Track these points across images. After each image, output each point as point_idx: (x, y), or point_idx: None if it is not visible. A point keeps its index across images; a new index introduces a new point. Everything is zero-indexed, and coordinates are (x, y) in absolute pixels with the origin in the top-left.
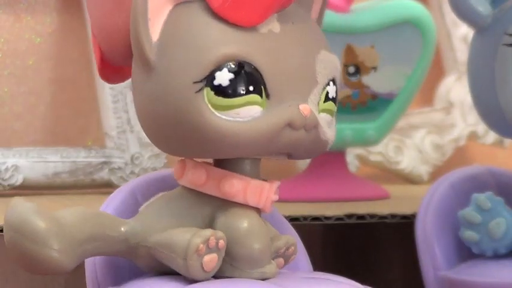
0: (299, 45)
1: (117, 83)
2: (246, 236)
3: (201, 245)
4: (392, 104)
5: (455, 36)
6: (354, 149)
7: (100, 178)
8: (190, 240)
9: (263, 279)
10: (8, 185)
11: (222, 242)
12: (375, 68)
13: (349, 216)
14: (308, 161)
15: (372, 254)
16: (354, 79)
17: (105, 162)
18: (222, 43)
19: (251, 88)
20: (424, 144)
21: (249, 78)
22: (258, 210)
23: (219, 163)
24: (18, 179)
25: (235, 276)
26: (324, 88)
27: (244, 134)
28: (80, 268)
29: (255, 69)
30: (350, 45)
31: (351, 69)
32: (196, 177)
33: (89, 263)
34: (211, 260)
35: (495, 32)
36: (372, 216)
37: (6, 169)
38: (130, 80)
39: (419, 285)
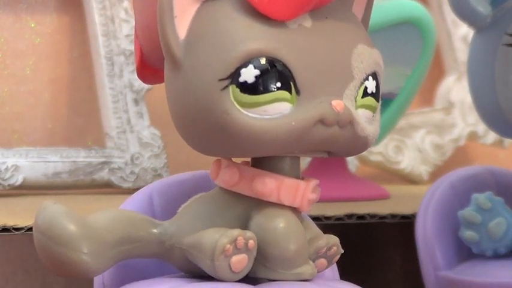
0: (332, 40)
1: (154, 84)
2: (279, 236)
3: (228, 245)
4: (392, 104)
5: (455, 36)
6: None
7: (100, 178)
8: (218, 240)
9: (299, 281)
10: (8, 185)
11: (251, 242)
12: None
13: (349, 216)
14: (308, 160)
15: (372, 254)
16: None
17: (105, 162)
18: (247, 39)
19: (278, 84)
20: (424, 144)
21: (276, 74)
22: (294, 210)
23: (256, 162)
24: (18, 179)
25: (269, 277)
26: (362, 83)
27: (272, 131)
28: None
29: (283, 65)
30: None
31: None
32: (229, 176)
33: None
34: (239, 261)
35: (495, 32)
36: (372, 216)
37: (6, 169)
38: (131, 80)
39: (419, 285)
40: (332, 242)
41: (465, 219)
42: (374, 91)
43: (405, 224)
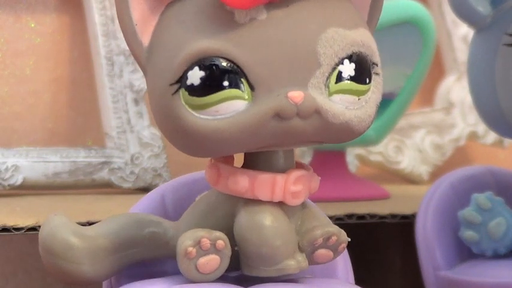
0: (292, 29)
1: None
2: (259, 234)
3: (190, 248)
4: (392, 104)
5: (455, 36)
6: (354, 149)
7: (100, 178)
8: (181, 243)
9: (284, 276)
10: (8, 185)
11: (220, 243)
12: None
13: (349, 216)
14: (308, 160)
15: (372, 254)
16: None
17: (105, 162)
18: (190, 41)
19: (226, 83)
20: (424, 144)
21: (221, 73)
22: (280, 203)
23: (247, 159)
24: (18, 179)
25: (252, 274)
26: (334, 68)
27: (225, 131)
28: None
29: (231, 62)
30: None
31: None
32: (210, 176)
33: None
34: (207, 262)
35: (495, 32)
36: (372, 216)
37: (6, 169)
38: (131, 80)
39: (419, 285)
40: (330, 232)
41: (465, 219)
42: (353, 74)
43: (405, 224)
